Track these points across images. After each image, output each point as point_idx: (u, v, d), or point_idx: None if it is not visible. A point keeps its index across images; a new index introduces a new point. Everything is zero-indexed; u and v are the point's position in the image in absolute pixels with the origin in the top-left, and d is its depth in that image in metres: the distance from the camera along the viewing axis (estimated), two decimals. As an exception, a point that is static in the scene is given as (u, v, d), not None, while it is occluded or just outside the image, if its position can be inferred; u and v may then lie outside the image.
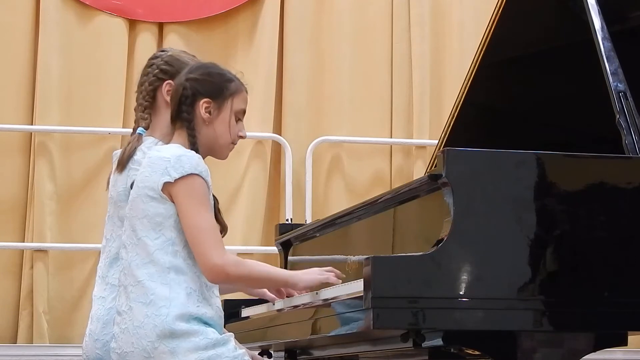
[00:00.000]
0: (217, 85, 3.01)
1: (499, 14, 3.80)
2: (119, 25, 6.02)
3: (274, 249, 4.19)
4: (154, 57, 3.39)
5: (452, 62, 6.30)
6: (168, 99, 3.19)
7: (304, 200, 5.99)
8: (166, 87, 3.27)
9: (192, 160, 2.87)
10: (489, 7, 3.93)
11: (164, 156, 2.89)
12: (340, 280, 3.04)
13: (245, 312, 3.72)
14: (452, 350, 2.97)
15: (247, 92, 3.08)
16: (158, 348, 2.78)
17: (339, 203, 5.81)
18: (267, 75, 6.01)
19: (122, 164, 3.20)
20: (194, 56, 3.41)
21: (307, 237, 3.89)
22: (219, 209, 2.98)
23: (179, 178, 2.83)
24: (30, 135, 5.90)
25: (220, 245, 2.85)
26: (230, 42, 6.18)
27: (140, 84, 3.37)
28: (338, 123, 6.19)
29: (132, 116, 5.87)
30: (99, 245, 5.68)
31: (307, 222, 5.24)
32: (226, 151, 3.05)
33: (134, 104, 5.93)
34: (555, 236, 2.85)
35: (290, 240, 4.02)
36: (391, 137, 6.26)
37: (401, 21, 6.31)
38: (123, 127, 5.93)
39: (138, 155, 3.17)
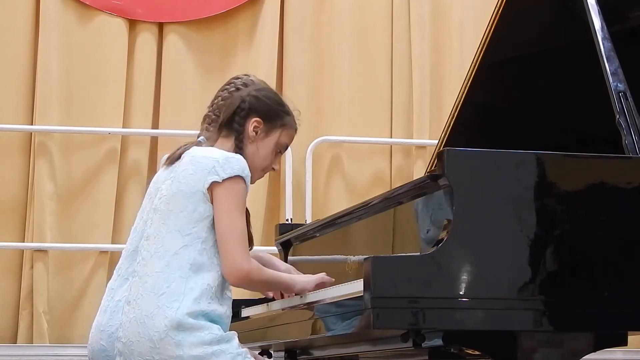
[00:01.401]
0: (274, 111, 3.11)
1: (499, 14, 3.80)
2: (119, 25, 6.02)
3: (274, 249, 4.18)
4: (236, 78, 3.34)
5: (452, 62, 6.30)
6: None
7: (304, 200, 6.00)
8: None
9: (240, 163, 2.92)
10: (489, 7, 3.93)
11: (212, 156, 2.93)
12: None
13: (245, 312, 3.71)
14: (452, 350, 2.97)
15: (296, 131, 3.17)
16: (164, 339, 2.80)
17: (339, 203, 5.81)
18: (267, 75, 6.01)
19: (171, 160, 3.18)
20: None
21: (307, 237, 3.89)
22: (249, 221, 3.02)
23: (227, 178, 2.88)
24: (30, 135, 5.90)
25: (247, 251, 2.92)
26: (230, 42, 6.18)
27: (215, 97, 3.33)
28: (338, 123, 6.19)
29: (132, 116, 6.00)
30: (99, 245, 5.78)
31: (307, 222, 5.23)
32: (256, 176, 3.10)
33: (134, 104, 6.04)
34: (555, 236, 2.85)
35: (290, 240, 4.02)
36: (391, 137, 6.26)
37: (401, 21, 6.31)
38: (123, 127, 5.93)
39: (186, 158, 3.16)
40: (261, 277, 2.96)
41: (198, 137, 3.24)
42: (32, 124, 5.88)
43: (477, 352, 2.98)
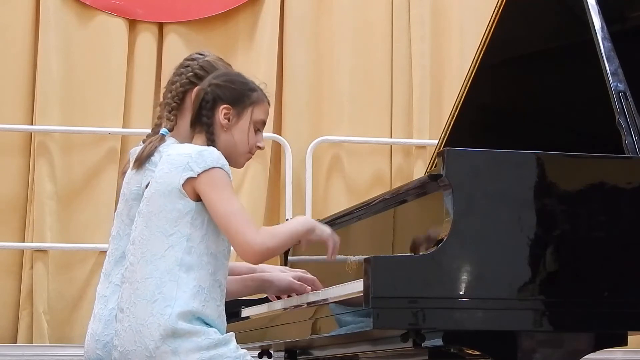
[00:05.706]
0: (238, 93, 3.04)
1: (498, 14, 3.80)
2: (119, 25, 6.01)
3: (274, 249, 4.18)
4: (191, 59, 3.36)
5: (452, 62, 6.30)
6: None
7: (304, 200, 5.99)
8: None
9: (213, 154, 2.88)
10: (489, 7, 3.94)
11: (185, 152, 2.90)
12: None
13: (245, 312, 3.71)
14: (452, 350, 2.97)
15: (269, 103, 3.10)
16: (160, 347, 2.78)
17: (339, 203, 5.81)
18: (267, 75, 6.01)
19: (140, 162, 3.16)
20: (229, 64, 3.39)
21: (307, 237, 3.88)
22: None
23: (202, 172, 2.84)
24: (30, 135, 5.90)
25: (252, 224, 2.84)
26: (230, 42, 6.18)
27: (171, 83, 3.34)
28: (338, 123, 6.19)
29: (132, 116, 6.00)
30: (99, 245, 5.77)
31: (307, 222, 5.22)
32: (242, 160, 3.06)
33: (134, 103, 6.04)
34: (555, 236, 2.85)
35: (290, 240, 4.01)
36: (391, 137, 6.26)
37: (401, 21, 6.31)
38: (123, 127, 5.93)
39: (156, 157, 3.13)
40: (277, 242, 2.87)
41: (157, 126, 3.22)
42: (32, 124, 5.88)
43: (477, 352, 2.98)
